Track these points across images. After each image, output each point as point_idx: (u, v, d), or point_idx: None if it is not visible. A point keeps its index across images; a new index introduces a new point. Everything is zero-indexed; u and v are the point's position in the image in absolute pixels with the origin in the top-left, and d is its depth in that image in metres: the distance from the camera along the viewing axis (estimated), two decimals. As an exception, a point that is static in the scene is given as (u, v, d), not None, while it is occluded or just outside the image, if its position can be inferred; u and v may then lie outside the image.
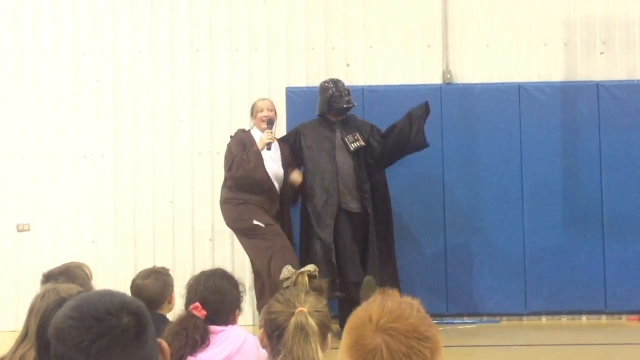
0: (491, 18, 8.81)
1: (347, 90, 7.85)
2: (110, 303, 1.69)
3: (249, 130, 7.69)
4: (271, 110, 7.66)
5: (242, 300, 3.56)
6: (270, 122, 7.55)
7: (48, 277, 4.14)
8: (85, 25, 8.88)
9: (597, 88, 8.51)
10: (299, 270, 3.72)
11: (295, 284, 3.61)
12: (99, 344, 1.64)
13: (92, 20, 8.87)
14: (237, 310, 3.51)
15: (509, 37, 8.78)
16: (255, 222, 7.25)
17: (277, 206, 7.53)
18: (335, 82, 7.88)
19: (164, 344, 1.79)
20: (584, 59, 8.73)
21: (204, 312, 3.30)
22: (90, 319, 1.66)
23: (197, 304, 3.32)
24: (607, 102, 8.47)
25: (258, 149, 7.41)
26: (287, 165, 7.63)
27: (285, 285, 3.63)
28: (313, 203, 7.60)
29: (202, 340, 3.25)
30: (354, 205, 7.62)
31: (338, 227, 7.50)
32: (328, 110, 7.77)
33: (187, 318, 3.30)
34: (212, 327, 3.32)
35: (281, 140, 7.77)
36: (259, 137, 7.52)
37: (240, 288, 3.57)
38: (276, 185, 7.53)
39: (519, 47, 8.76)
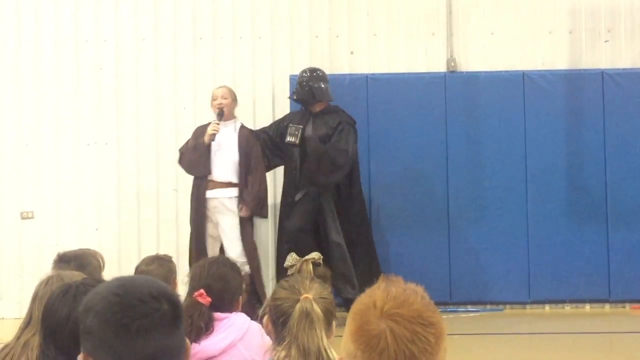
0: (496, 6, 8.78)
1: (306, 83, 7.77)
2: (154, 288, 1.72)
3: (210, 122, 7.71)
4: (226, 98, 7.70)
5: (244, 287, 3.57)
6: (220, 113, 7.58)
7: (62, 258, 4.15)
8: (88, 13, 8.85)
9: (602, 76, 8.48)
10: (304, 258, 3.72)
11: (299, 271, 3.61)
12: (139, 323, 1.66)
13: (94, 8, 8.85)
14: (240, 297, 3.52)
15: (514, 25, 8.75)
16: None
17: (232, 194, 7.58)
18: (305, 71, 7.91)
19: (188, 343, 1.80)
20: (588, 47, 8.70)
21: (208, 299, 3.31)
22: (134, 298, 1.69)
23: (202, 291, 3.33)
24: (611, 90, 8.44)
25: (204, 141, 7.50)
26: (249, 151, 7.61)
27: (289, 272, 3.62)
28: (283, 194, 7.83)
29: (206, 327, 3.26)
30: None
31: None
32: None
33: (192, 305, 3.30)
34: (216, 314, 3.32)
35: (269, 127, 7.95)
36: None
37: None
38: (226, 174, 7.54)
39: (523, 35, 8.73)
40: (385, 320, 1.59)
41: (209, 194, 7.55)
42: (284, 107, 8.49)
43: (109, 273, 4.23)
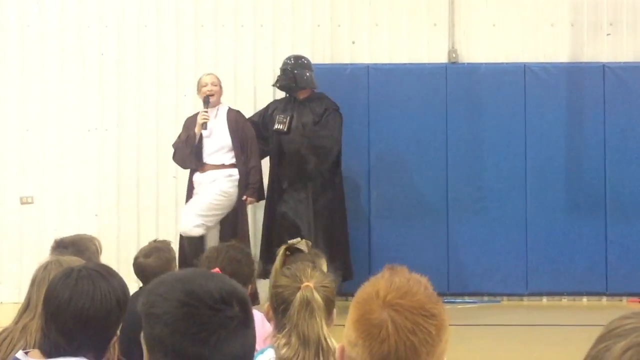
0: (498, -3, 8.76)
1: (289, 70, 7.82)
2: (224, 291, 1.67)
3: (198, 112, 7.76)
4: (216, 85, 7.75)
5: (255, 276, 3.62)
6: (206, 100, 7.63)
7: (59, 245, 4.17)
8: (91, -2, 8.84)
9: (603, 69, 8.48)
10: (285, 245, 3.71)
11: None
12: (218, 335, 1.63)
13: (97, -7, 8.83)
14: (250, 285, 3.55)
15: (516, 17, 8.73)
16: None
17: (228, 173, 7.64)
18: (290, 58, 7.97)
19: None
20: (590, 40, 8.69)
21: None
22: (206, 307, 1.63)
23: (217, 269, 3.36)
24: (612, 83, 8.44)
25: (195, 132, 7.55)
26: (243, 133, 7.66)
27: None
28: (269, 180, 7.87)
29: None
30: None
31: (278, 207, 7.73)
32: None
33: None
34: None
35: (255, 115, 8.02)
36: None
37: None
38: (221, 156, 7.60)
39: (525, 27, 8.72)
40: (387, 310, 1.59)
41: (201, 176, 7.61)
42: (283, 96, 8.49)
43: (108, 258, 4.28)
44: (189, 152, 7.57)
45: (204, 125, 7.53)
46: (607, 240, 8.39)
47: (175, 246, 4.76)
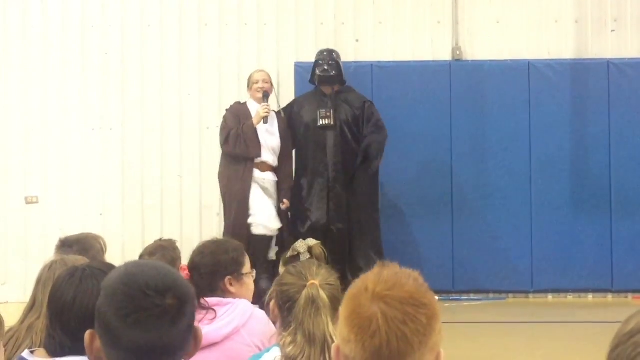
0: (502, -6, 8.76)
1: (335, 61, 7.82)
2: (162, 281, 1.77)
3: (245, 102, 7.73)
4: (267, 82, 7.69)
5: (241, 265, 3.46)
6: (266, 95, 7.58)
7: (64, 244, 4.16)
8: (94, -2, 8.85)
9: (608, 66, 8.46)
10: (312, 244, 3.68)
11: (313, 256, 3.57)
12: (137, 316, 1.73)
13: (100, -7, 8.84)
14: (231, 277, 3.39)
15: (520, 14, 8.72)
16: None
17: (275, 177, 7.62)
18: (324, 52, 7.96)
19: (199, 331, 1.85)
20: (594, 36, 8.68)
21: (186, 273, 3.28)
22: (138, 290, 1.75)
23: (184, 266, 3.33)
24: (617, 80, 8.42)
25: (253, 123, 7.45)
26: (285, 137, 7.67)
27: (303, 258, 3.58)
28: (304, 178, 7.72)
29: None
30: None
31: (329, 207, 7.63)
32: (311, 78, 7.88)
33: None
34: (219, 300, 3.30)
35: (280, 112, 7.87)
36: (255, 109, 7.55)
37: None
38: (273, 157, 7.57)
39: (529, 23, 8.71)
40: (377, 303, 1.58)
41: (263, 175, 7.55)
42: (289, 94, 8.49)
43: (112, 257, 4.27)
44: (248, 139, 7.44)
45: (265, 120, 7.45)
46: (613, 237, 8.38)
47: (180, 245, 4.74)
